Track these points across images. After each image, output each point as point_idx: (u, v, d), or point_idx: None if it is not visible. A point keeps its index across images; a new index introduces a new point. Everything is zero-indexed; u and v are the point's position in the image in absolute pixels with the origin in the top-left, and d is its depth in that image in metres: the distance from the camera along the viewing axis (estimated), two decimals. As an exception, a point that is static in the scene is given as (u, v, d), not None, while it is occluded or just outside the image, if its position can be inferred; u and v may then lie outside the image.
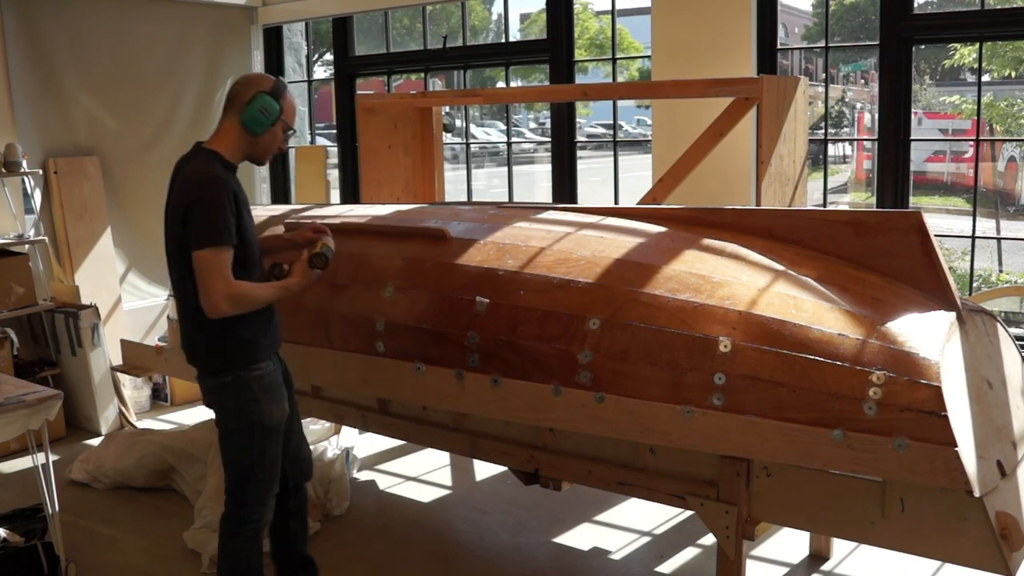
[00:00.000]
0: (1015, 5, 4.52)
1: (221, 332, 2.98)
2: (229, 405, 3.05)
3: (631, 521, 4.27)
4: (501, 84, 11.36)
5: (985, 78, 13.74)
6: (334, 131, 7.07)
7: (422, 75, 6.79)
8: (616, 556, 3.98)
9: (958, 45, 12.66)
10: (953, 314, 2.79)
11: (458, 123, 16.43)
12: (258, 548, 3.18)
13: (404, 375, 3.48)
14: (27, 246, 5.64)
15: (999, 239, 11.01)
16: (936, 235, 2.96)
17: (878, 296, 2.86)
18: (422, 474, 4.92)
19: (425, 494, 4.68)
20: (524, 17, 23.40)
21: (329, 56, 10.51)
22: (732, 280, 2.95)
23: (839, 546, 3.87)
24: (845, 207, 13.22)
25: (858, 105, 20.19)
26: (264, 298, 2.99)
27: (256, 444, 3.07)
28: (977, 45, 5.04)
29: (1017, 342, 3.10)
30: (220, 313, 2.87)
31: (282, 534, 3.46)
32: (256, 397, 3.03)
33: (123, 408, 5.74)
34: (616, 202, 5.80)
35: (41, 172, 5.73)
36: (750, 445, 2.78)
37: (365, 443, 5.28)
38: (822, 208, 5.13)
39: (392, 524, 4.35)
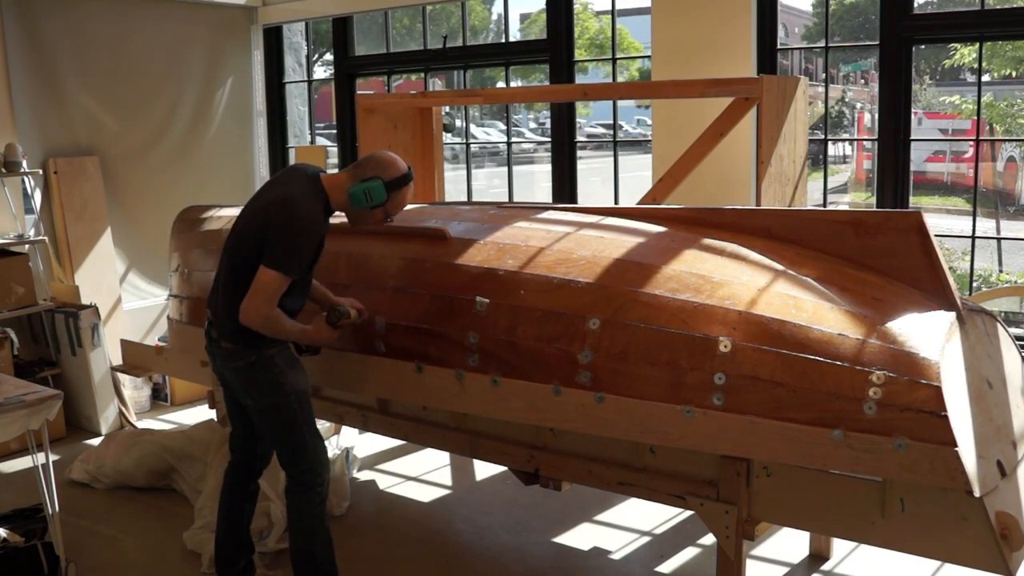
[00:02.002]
0: (1015, 5, 4.52)
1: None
2: (261, 380, 3.26)
3: (631, 521, 4.27)
4: (501, 84, 11.36)
5: (985, 78, 13.74)
6: (334, 131, 7.07)
7: (422, 75, 6.79)
8: (616, 556, 3.98)
9: (958, 45, 12.66)
10: (953, 314, 2.79)
11: (458, 123, 16.41)
12: (325, 510, 3.42)
13: (404, 375, 3.48)
14: (27, 246, 5.64)
15: (999, 239, 11.01)
16: (936, 235, 2.96)
17: (878, 296, 2.85)
18: (422, 474, 4.92)
19: (425, 494, 4.68)
20: (524, 17, 23.39)
21: (329, 56, 10.51)
22: (732, 280, 2.95)
23: (839, 546, 3.87)
24: (845, 207, 13.22)
25: (858, 105, 20.18)
26: (288, 333, 3.26)
27: (297, 411, 3.30)
28: (977, 45, 5.04)
29: (1017, 342, 3.10)
30: (248, 323, 3.14)
31: (235, 514, 3.55)
32: (282, 369, 3.28)
33: (123, 408, 5.74)
34: (616, 202, 5.81)
35: (41, 172, 5.73)
36: (750, 445, 2.78)
37: (365, 443, 5.28)
38: (822, 208, 5.13)
39: (392, 524, 4.34)
